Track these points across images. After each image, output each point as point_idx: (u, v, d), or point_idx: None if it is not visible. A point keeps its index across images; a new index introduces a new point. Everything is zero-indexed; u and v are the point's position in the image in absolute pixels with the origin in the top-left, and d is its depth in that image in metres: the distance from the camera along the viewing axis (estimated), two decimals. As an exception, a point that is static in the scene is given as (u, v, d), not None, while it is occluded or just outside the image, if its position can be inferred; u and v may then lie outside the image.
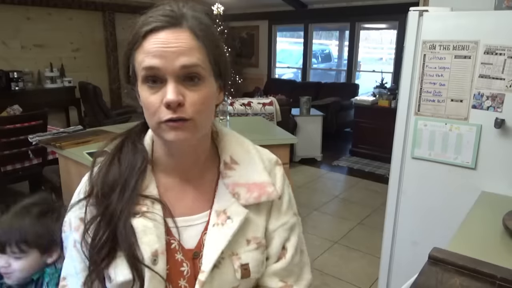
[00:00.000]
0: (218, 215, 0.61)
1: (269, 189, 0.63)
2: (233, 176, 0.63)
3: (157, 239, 0.58)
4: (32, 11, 4.93)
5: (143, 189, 0.61)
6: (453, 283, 0.77)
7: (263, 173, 0.64)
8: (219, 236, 0.60)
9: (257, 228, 0.63)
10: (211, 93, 0.58)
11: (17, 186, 3.25)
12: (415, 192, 1.70)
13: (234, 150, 0.66)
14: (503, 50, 1.42)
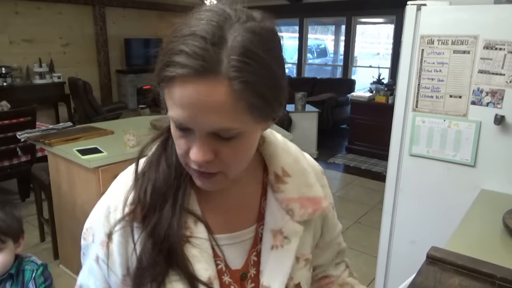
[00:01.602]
0: (275, 236, 0.56)
1: (323, 204, 0.59)
2: (286, 191, 0.57)
3: (207, 266, 0.52)
4: (20, 5, 4.84)
5: (186, 205, 0.53)
6: (452, 283, 0.76)
7: (315, 185, 0.59)
8: (280, 259, 0.55)
9: (306, 244, 0.59)
10: (253, 141, 0.48)
11: (5, 184, 3.19)
12: (413, 190, 1.68)
13: (285, 160, 0.58)
14: (503, 45, 1.39)
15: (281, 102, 0.46)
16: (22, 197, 3.13)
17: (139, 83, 6.22)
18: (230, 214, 0.57)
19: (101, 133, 2.24)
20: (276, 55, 0.44)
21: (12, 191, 3.25)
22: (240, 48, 0.39)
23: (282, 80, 0.45)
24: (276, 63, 0.43)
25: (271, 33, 0.44)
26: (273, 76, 0.43)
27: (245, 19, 0.42)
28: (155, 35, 6.40)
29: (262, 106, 0.42)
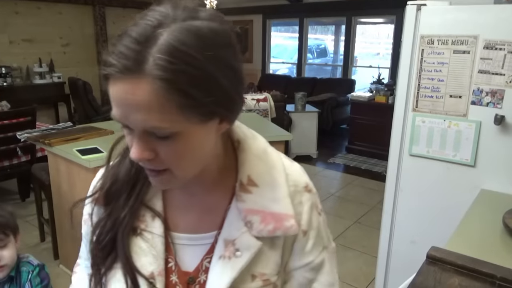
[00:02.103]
0: (226, 246, 0.53)
1: (287, 223, 0.53)
2: (248, 201, 0.53)
3: (153, 260, 0.53)
4: (20, 5, 4.84)
5: (147, 199, 0.55)
6: (452, 283, 0.76)
7: (285, 200, 0.54)
8: (224, 271, 0.52)
9: (267, 263, 0.54)
10: (197, 142, 0.46)
11: (5, 184, 3.19)
12: (413, 190, 1.68)
13: (254, 168, 0.55)
14: (503, 45, 1.39)
15: (223, 105, 0.45)
16: (22, 197, 3.13)
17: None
18: (195, 215, 0.56)
19: (101, 133, 2.24)
20: (218, 56, 0.42)
21: (12, 191, 3.25)
22: (167, 47, 0.39)
23: (224, 82, 0.43)
24: (216, 65, 0.42)
25: (214, 34, 0.42)
26: (207, 77, 0.41)
27: (184, 18, 0.42)
28: (155, 35, 6.40)
29: (193, 106, 0.42)
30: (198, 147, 0.47)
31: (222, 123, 0.48)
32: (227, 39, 0.44)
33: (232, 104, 0.46)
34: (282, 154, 0.60)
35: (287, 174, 0.56)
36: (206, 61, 0.41)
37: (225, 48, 0.44)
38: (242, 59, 0.48)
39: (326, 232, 0.59)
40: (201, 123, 0.44)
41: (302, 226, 0.55)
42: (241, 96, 0.48)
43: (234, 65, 0.45)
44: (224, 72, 0.43)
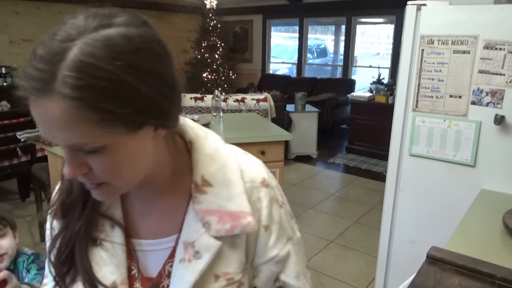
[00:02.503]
0: (186, 248, 0.53)
1: (243, 221, 0.52)
2: (204, 202, 0.53)
3: (115, 269, 0.53)
4: (20, 5, 4.84)
5: (104, 209, 0.55)
6: (452, 283, 0.76)
7: (240, 198, 0.53)
8: (185, 274, 0.52)
9: (229, 262, 0.54)
10: (130, 153, 0.45)
11: (5, 184, 3.19)
12: (413, 190, 1.67)
13: (208, 168, 0.54)
14: (503, 45, 1.39)
15: (148, 113, 0.43)
16: (22, 197, 3.13)
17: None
18: (155, 220, 0.56)
19: (101, 133, 2.23)
20: (133, 64, 0.40)
21: (12, 191, 3.25)
22: (74, 62, 0.38)
23: (145, 90, 0.41)
24: (132, 73, 0.40)
25: (128, 40, 0.41)
26: (121, 87, 0.40)
27: (94, 27, 0.40)
28: (155, 35, 6.40)
29: (111, 119, 0.40)
30: (132, 157, 0.46)
31: (157, 130, 0.46)
32: (146, 43, 0.42)
33: (160, 110, 0.44)
34: (239, 150, 0.59)
35: (242, 171, 0.55)
36: (119, 71, 0.39)
37: (142, 53, 0.42)
38: (171, 61, 0.46)
39: (289, 224, 0.59)
40: (128, 134, 0.43)
41: (263, 221, 0.54)
42: (172, 100, 0.46)
43: (156, 70, 0.43)
44: (143, 79, 0.41)
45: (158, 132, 0.47)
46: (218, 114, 2.81)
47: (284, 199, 0.60)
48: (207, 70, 6.24)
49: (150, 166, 0.50)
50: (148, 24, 0.45)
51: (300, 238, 0.62)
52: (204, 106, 3.51)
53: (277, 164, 2.46)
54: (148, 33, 0.44)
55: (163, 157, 0.52)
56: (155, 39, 0.44)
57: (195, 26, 6.55)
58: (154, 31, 0.45)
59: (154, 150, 0.49)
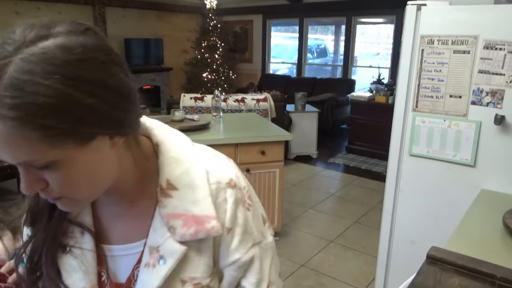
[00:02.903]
0: (151, 253, 0.52)
1: (207, 225, 0.51)
2: (169, 206, 0.52)
3: (84, 276, 0.53)
4: (20, 5, 4.84)
5: (74, 216, 0.55)
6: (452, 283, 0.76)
7: (205, 201, 0.52)
8: (150, 279, 0.51)
9: (196, 267, 0.53)
10: (82, 164, 0.44)
11: (5, 184, 3.18)
12: (413, 190, 1.67)
13: (173, 171, 0.53)
14: (503, 45, 1.39)
15: (98, 124, 0.42)
16: (22, 196, 3.12)
17: (139, 83, 6.22)
18: (124, 225, 0.55)
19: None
20: (74, 76, 0.39)
21: (12, 191, 3.25)
22: (10, 81, 0.37)
23: (89, 101, 0.40)
24: (72, 85, 0.39)
25: (68, 52, 0.39)
26: (61, 101, 0.38)
27: (31, 41, 0.39)
28: (155, 35, 6.40)
29: (55, 135, 0.39)
30: (88, 169, 0.45)
31: (113, 139, 0.45)
32: (87, 52, 0.41)
33: (111, 119, 0.43)
34: (210, 152, 0.58)
35: (208, 173, 0.53)
36: (57, 85, 0.38)
37: (83, 63, 0.40)
38: (120, 68, 0.44)
39: (257, 227, 0.56)
40: (79, 147, 0.42)
41: (226, 223, 0.53)
42: (123, 107, 0.44)
43: (100, 79, 0.41)
44: (85, 90, 0.40)
45: (115, 140, 0.46)
46: (218, 114, 2.81)
47: (255, 202, 0.57)
48: (207, 70, 6.23)
49: (114, 174, 0.49)
50: (91, 31, 0.43)
51: (272, 244, 0.59)
52: (204, 106, 3.51)
53: (277, 164, 2.46)
54: (91, 41, 0.42)
55: (126, 163, 0.51)
56: (99, 47, 0.43)
57: (195, 26, 6.55)
58: (98, 38, 0.43)
59: (114, 158, 0.48)
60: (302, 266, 2.36)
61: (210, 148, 0.59)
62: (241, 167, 2.69)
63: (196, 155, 0.55)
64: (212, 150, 0.59)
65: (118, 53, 0.46)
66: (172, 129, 0.59)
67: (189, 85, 6.41)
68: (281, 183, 2.51)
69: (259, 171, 2.42)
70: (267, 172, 2.45)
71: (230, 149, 2.33)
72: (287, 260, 2.42)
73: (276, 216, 2.55)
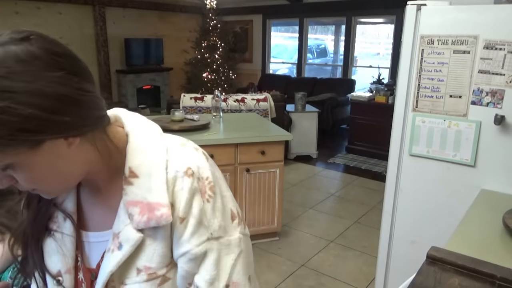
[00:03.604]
0: (113, 239, 0.54)
1: (157, 212, 0.50)
2: (130, 193, 0.53)
3: (61, 259, 0.57)
4: (20, 5, 4.83)
5: (60, 202, 0.59)
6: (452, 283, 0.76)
7: (159, 189, 0.51)
8: (107, 263, 0.53)
9: (151, 256, 0.53)
10: (41, 165, 0.46)
11: (6, 185, 3.17)
12: (413, 190, 1.67)
13: (135, 159, 0.54)
14: (503, 45, 1.39)
15: (44, 129, 0.43)
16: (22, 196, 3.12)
17: (139, 83, 6.22)
18: (101, 213, 0.58)
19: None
20: (7, 89, 0.40)
21: (12, 191, 3.24)
22: None
23: (27, 110, 0.41)
24: (7, 98, 0.40)
25: (11, 58, 0.41)
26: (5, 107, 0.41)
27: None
28: (155, 35, 6.40)
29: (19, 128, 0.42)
30: (46, 168, 0.47)
31: (68, 139, 0.47)
32: (22, 63, 0.42)
33: (56, 125, 0.44)
34: (178, 141, 0.58)
35: (167, 161, 0.53)
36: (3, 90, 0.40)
37: (18, 75, 0.41)
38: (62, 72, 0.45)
39: (217, 221, 0.53)
40: (31, 151, 0.44)
41: (180, 213, 0.52)
42: (68, 111, 0.45)
43: (37, 89, 0.42)
44: (22, 101, 0.41)
45: (69, 141, 0.47)
46: (218, 114, 2.81)
47: (221, 195, 0.55)
48: (207, 70, 6.23)
49: (79, 169, 0.51)
50: (34, 37, 0.44)
51: (240, 242, 0.55)
52: (204, 106, 3.51)
53: (277, 164, 2.46)
54: (26, 50, 0.43)
55: (93, 157, 0.52)
56: (37, 54, 0.43)
57: (195, 26, 6.55)
58: (40, 44, 0.44)
59: (77, 155, 0.49)
60: (302, 266, 2.37)
61: (180, 138, 0.59)
62: (241, 167, 2.68)
63: (160, 144, 0.55)
64: (182, 139, 0.58)
65: (69, 55, 0.47)
66: (144, 118, 0.60)
67: (189, 85, 6.41)
68: (281, 183, 2.51)
69: (259, 171, 2.42)
70: (267, 172, 2.44)
71: (230, 149, 2.33)
72: (287, 260, 2.42)
73: (276, 216, 2.55)
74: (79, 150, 0.49)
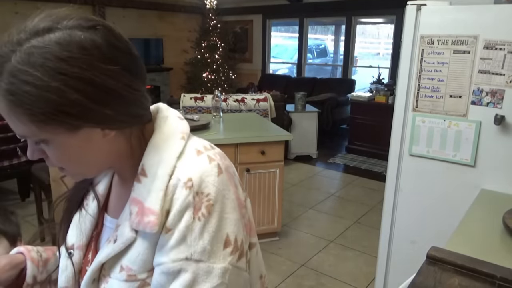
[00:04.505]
0: (115, 230, 0.55)
1: (146, 218, 0.50)
2: (136, 190, 0.53)
3: (77, 234, 0.61)
4: (20, 5, 4.83)
5: (96, 182, 0.63)
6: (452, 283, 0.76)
7: (156, 194, 0.51)
8: (101, 253, 0.55)
9: (135, 258, 0.52)
10: (71, 148, 0.48)
11: (5, 184, 3.19)
12: (413, 190, 1.67)
13: (149, 158, 0.54)
14: (503, 45, 1.39)
15: (82, 117, 0.45)
16: (22, 197, 3.13)
17: (139, 83, 6.21)
18: (120, 202, 0.59)
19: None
20: (63, 71, 0.43)
21: (12, 191, 3.25)
22: (11, 68, 0.43)
23: (71, 95, 0.43)
24: (60, 79, 0.43)
25: (63, 47, 0.43)
26: (47, 92, 0.43)
27: (36, 33, 0.44)
28: (155, 35, 6.40)
29: (40, 120, 0.44)
30: (76, 152, 0.50)
31: (104, 130, 0.49)
32: (81, 50, 0.44)
33: (96, 115, 0.46)
34: (199, 144, 0.56)
35: (176, 167, 0.52)
36: (46, 78, 0.43)
37: (75, 61, 0.43)
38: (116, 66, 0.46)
39: (202, 243, 0.49)
40: (67, 133, 0.47)
41: (168, 223, 0.50)
42: (109, 104, 0.47)
43: (88, 77, 0.44)
44: (72, 85, 0.43)
45: (105, 132, 0.49)
46: (218, 114, 2.81)
47: (217, 215, 0.50)
48: (207, 70, 6.23)
49: (106, 159, 0.54)
50: (100, 27, 0.46)
51: (222, 272, 0.50)
52: (204, 106, 3.51)
53: (277, 164, 2.46)
54: (90, 39, 0.45)
55: (124, 151, 0.54)
56: (99, 45, 0.45)
57: (195, 26, 6.55)
58: (103, 35, 0.46)
59: (107, 147, 0.51)
60: (302, 266, 2.37)
61: (203, 143, 0.57)
62: (241, 167, 2.68)
63: (177, 148, 0.54)
64: (205, 145, 0.57)
65: (128, 51, 0.49)
66: (176, 117, 0.59)
67: (189, 85, 6.41)
68: (281, 183, 2.51)
69: (259, 171, 2.42)
70: (267, 172, 2.45)
71: (230, 149, 2.33)
72: (287, 260, 2.42)
73: (276, 216, 2.55)
74: (113, 142, 0.51)
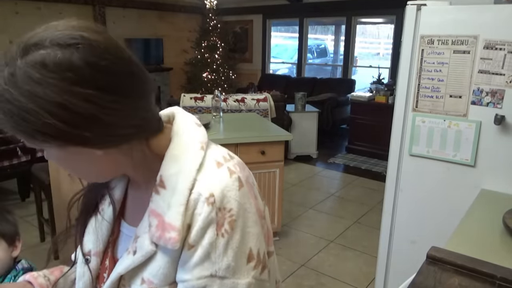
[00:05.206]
0: (134, 241, 0.54)
1: (167, 234, 0.49)
2: (154, 202, 0.52)
3: (94, 240, 0.60)
4: (20, 5, 4.83)
5: (112, 187, 0.62)
6: (452, 283, 0.76)
7: (176, 209, 0.49)
8: (121, 264, 0.54)
9: (156, 272, 0.51)
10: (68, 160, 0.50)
11: (5, 184, 3.19)
12: (413, 190, 1.67)
13: (167, 169, 0.52)
14: (503, 45, 1.39)
15: (57, 136, 0.44)
16: (22, 197, 3.13)
17: (139, 83, 6.20)
18: (139, 209, 0.57)
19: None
20: (36, 94, 0.42)
21: (12, 191, 3.25)
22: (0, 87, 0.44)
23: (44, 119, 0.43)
24: (33, 100, 0.42)
25: (38, 69, 0.42)
26: (21, 110, 0.43)
27: (15, 57, 0.44)
28: (155, 35, 6.40)
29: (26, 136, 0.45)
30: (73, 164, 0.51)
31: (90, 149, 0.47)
32: (58, 72, 0.42)
33: (72, 136, 0.45)
34: (219, 155, 0.55)
35: (196, 180, 0.50)
36: (22, 98, 0.42)
37: (49, 83, 0.42)
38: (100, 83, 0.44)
39: (226, 260, 0.49)
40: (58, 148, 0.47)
41: (190, 239, 0.49)
42: (81, 127, 0.44)
43: (58, 101, 0.42)
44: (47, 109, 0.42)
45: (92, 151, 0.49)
46: (218, 114, 2.81)
47: (240, 230, 0.50)
48: (207, 70, 6.23)
49: (110, 170, 0.54)
50: (76, 48, 0.43)
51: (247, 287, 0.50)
52: (204, 106, 3.51)
53: (277, 164, 2.46)
54: (67, 60, 0.43)
55: (125, 164, 0.53)
56: (75, 66, 0.43)
57: (195, 26, 6.55)
58: (80, 57, 0.43)
59: (103, 162, 0.51)
60: (302, 266, 2.37)
61: (223, 153, 0.56)
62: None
63: (196, 159, 0.52)
64: (224, 155, 0.56)
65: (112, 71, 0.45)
66: (194, 122, 0.58)
67: (189, 85, 6.41)
68: (281, 183, 2.51)
69: (259, 171, 2.42)
70: (267, 172, 2.45)
71: (230, 149, 2.30)
72: (287, 260, 2.42)
73: (276, 216, 2.55)
74: (106, 159, 0.50)
